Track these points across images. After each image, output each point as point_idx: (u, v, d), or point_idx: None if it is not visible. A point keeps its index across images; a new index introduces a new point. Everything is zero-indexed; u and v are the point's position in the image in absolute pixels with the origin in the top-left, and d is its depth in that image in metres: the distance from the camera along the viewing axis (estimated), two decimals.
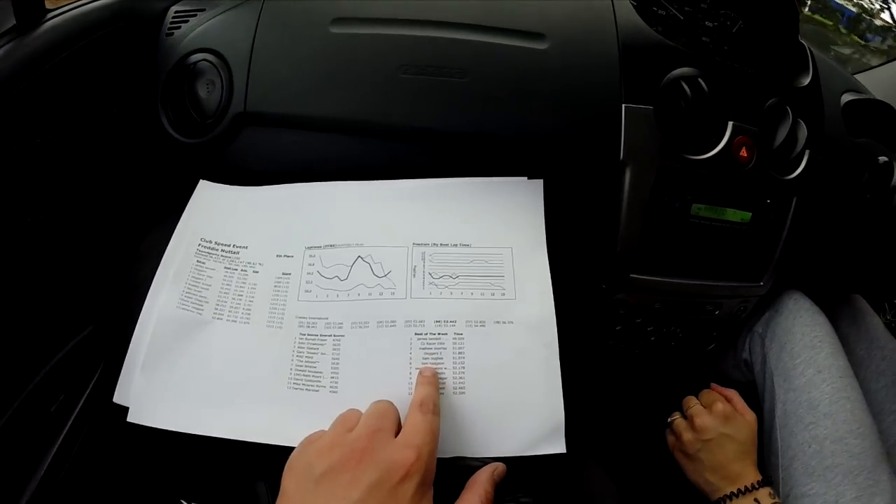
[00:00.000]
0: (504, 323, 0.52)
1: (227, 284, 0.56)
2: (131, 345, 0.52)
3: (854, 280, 0.81)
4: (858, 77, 1.00)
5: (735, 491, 0.67)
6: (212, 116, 0.60)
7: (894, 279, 0.77)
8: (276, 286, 0.55)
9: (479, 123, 0.57)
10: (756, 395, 0.77)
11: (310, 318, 0.53)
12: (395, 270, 0.54)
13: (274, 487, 0.42)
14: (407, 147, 0.59)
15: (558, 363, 0.52)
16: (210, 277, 0.56)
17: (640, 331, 0.71)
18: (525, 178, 0.58)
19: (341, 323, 0.52)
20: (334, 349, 0.52)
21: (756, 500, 0.66)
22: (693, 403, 0.75)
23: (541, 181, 0.58)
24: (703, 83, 0.58)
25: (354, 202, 0.58)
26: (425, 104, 0.58)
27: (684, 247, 0.64)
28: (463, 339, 0.51)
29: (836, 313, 0.82)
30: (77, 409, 0.54)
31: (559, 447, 0.49)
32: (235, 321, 0.54)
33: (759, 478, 0.67)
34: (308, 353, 0.52)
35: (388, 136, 0.59)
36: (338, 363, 0.51)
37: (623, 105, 0.57)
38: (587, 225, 0.62)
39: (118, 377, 0.52)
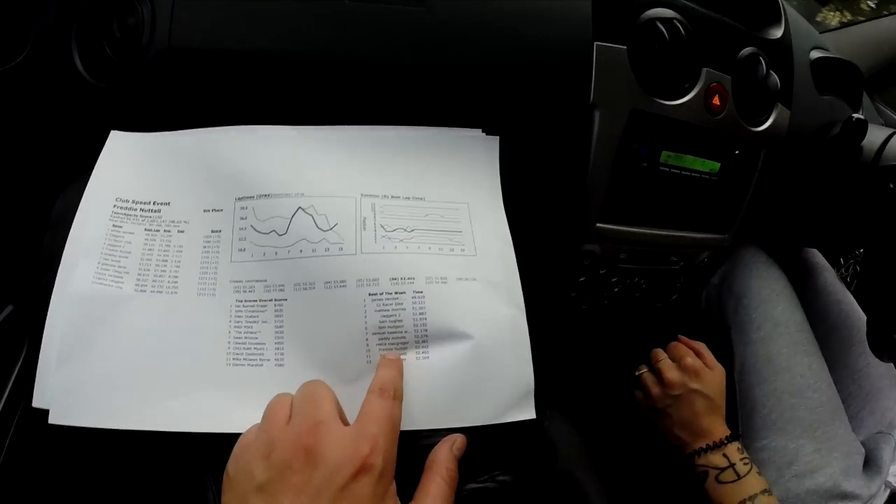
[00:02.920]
0: (467, 280, 0.48)
1: (150, 249, 0.48)
2: (45, 335, 0.45)
3: (812, 235, 0.82)
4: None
5: (704, 446, 0.67)
6: (132, 55, 0.51)
7: (851, 235, 0.78)
8: (205, 246, 0.48)
9: (435, 56, 0.52)
10: (714, 347, 0.78)
11: (246, 281, 0.47)
12: (341, 223, 0.48)
13: (220, 479, 0.37)
14: (354, 88, 0.53)
15: (525, 324, 0.48)
16: (129, 243, 0.48)
17: (604, 282, 0.70)
18: (480, 132, 0.54)
19: (282, 285, 0.46)
20: (277, 316, 0.46)
21: (725, 455, 0.66)
22: (661, 357, 0.74)
23: (496, 138, 0.54)
24: (680, 25, 0.57)
25: (293, 147, 0.51)
26: (375, 34, 0.52)
27: (652, 196, 0.63)
28: (423, 297, 0.46)
29: (792, 268, 0.83)
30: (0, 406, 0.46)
31: (528, 413, 0.46)
32: (161, 292, 0.47)
33: (728, 433, 0.68)
34: (247, 322, 0.46)
35: (332, 73, 0.52)
36: (282, 332, 0.46)
37: (595, 43, 0.55)
38: (552, 172, 0.59)
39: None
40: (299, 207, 0.48)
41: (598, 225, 0.62)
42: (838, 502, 0.66)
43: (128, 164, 0.51)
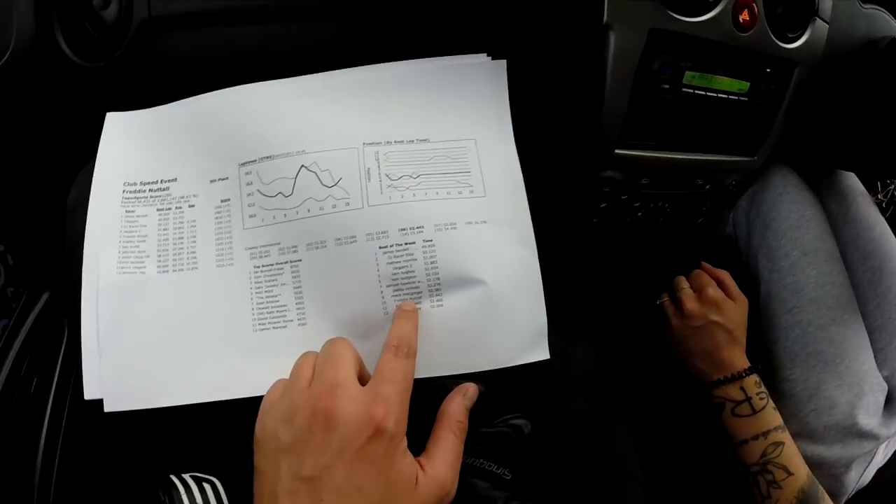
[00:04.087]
0: (477, 223, 0.47)
1: (164, 229, 0.49)
2: (82, 329, 0.47)
3: (847, 157, 0.79)
4: None
5: (722, 378, 0.67)
6: (115, 30, 0.51)
7: (891, 160, 0.75)
8: (217, 217, 0.49)
9: None
10: (740, 273, 0.77)
11: (260, 246, 0.48)
12: (346, 177, 0.48)
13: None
14: (342, 28, 0.52)
15: (538, 263, 0.48)
16: (144, 227, 0.49)
17: (627, 207, 0.69)
18: (485, 57, 0.51)
19: (295, 246, 0.47)
20: (294, 277, 0.47)
21: (742, 388, 0.66)
22: (683, 285, 0.73)
23: (503, 62, 0.51)
24: None
25: (289, 102, 0.51)
26: None
27: (675, 119, 0.61)
28: (434, 245, 0.46)
29: (825, 191, 0.81)
30: (52, 389, 0.49)
31: (542, 353, 0.47)
32: (183, 269, 0.48)
33: (747, 365, 0.68)
34: (267, 286, 0.48)
35: (314, 17, 0.51)
36: (301, 292, 0.47)
37: None
38: (566, 97, 0.58)
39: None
40: (302, 166, 0.48)
41: (617, 151, 0.61)
42: (855, 440, 0.66)
43: (129, 144, 0.52)
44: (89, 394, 0.46)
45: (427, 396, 0.44)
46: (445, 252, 0.46)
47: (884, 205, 0.80)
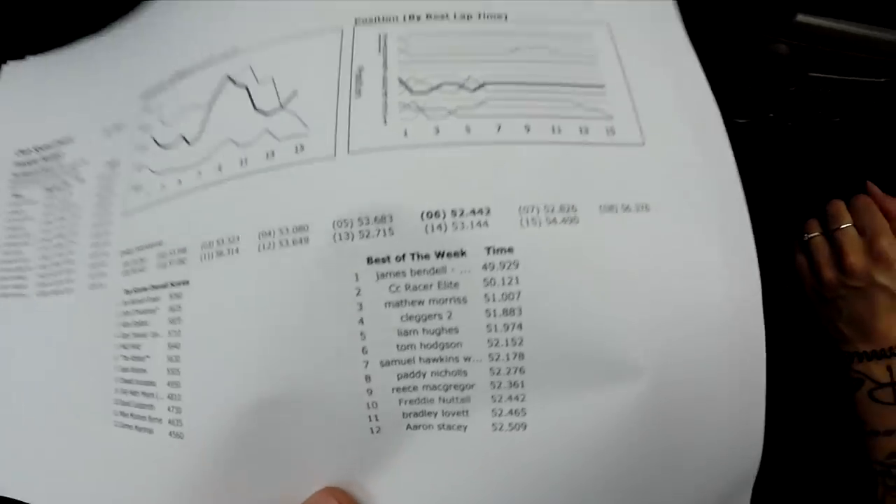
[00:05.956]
0: (628, 211, 0.22)
1: (49, 221, 0.31)
2: None
3: None
4: None
5: (869, 351, 0.52)
6: None
7: None
8: (99, 194, 0.30)
9: None
10: None
11: (136, 249, 0.27)
12: (306, 87, 0.24)
13: None
14: None
15: (762, 319, 0.23)
16: (31, 220, 0.32)
17: (780, 90, 0.55)
18: None
19: (184, 249, 0.24)
20: (172, 321, 0.24)
21: (889, 368, 0.51)
22: (843, 220, 0.54)
23: None
24: None
25: None
26: None
27: None
28: (516, 267, 0.21)
29: None
30: None
31: None
32: (59, 291, 0.30)
33: None
34: (136, 335, 0.26)
35: None
36: (178, 357, 0.24)
37: None
38: None
39: None
40: (227, 77, 0.25)
41: (799, 18, 0.46)
42: None
43: (31, 95, 0.35)
44: None
45: None
46: (543, 287, 0.21)
47: None
